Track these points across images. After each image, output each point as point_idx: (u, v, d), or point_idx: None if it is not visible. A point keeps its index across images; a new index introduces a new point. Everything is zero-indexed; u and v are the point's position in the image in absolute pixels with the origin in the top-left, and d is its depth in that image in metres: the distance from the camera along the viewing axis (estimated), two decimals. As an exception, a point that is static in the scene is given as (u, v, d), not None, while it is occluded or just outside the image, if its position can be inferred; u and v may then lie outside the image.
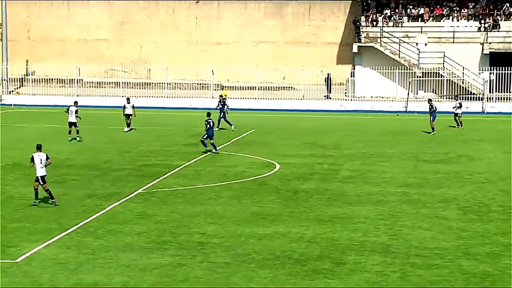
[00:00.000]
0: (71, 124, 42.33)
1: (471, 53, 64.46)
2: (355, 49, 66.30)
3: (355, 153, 38.28)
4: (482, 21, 65.97)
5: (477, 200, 27.48)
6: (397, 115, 57.43)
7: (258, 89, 65.87)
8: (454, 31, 65.43)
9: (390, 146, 40.78)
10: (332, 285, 18.09)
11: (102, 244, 21.27)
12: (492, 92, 62.30)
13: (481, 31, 65.54)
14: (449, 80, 63.62)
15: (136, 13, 74.59)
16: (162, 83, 68.16)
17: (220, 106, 49.07)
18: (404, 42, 65.21)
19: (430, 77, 64.02)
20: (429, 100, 47.61)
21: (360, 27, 67.09)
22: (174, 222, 23.93)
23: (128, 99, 48.92)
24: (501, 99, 62.26)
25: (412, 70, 64.07)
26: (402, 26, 67.52)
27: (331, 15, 72.16)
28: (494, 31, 65.20)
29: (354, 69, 66.76)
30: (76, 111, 42.51)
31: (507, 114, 58.02)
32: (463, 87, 63.46)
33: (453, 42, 65.25)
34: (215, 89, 66.18)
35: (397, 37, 65.46)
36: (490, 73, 62.35)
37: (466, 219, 24.67)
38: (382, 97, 64.22)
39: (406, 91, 62.72)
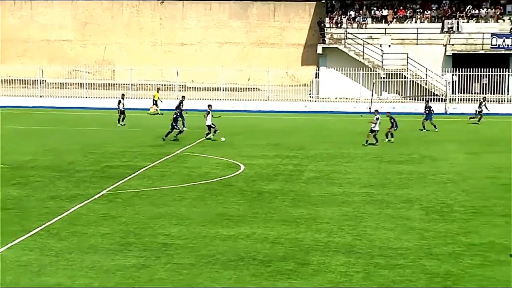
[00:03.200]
0: None
1: (434, 54, 65.00)
2: (319, 50, 66.54)
3: (319, 154, 38.41)
4: (445, 23, 66.51)
5: (439, 200, 27.70)
6: (361, 116, 57.62)
7: (223, 90, 65.84)
8: (417, 33, 65.91)
9: (354, 147, 40.96)
10: (296, 285, 18.14)
11: (65, 246, 21.14)
12: (455, 93, 62.83)
13: (444, 33, 66.10)
14: (413, 81, 64.06)
15: (99, 13, 74.25)
16: (126, 84, 67.87)
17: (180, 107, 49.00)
18: (368, 43, 65.56)
19: (394, 78, 64.41)
20: (427, 102, 48.62)
21: (325, 29, 67.35)
22: (138, 223, 23.84)
23: (123, 95, 50.79)
24: (463, 100, 62.81)
25: (376, 71, 64.44)
26: (366, 28, 67.89)
27: (295, 16, 72.39)
28: (456, 33, 65.79)
29: (318, 70, 66.99)
30: None
31: (469, 115, 58.47)
32: (426, 88, 63.93)
33: (417, 44, 65.74)
34: (180, 90, 66.01)
35: (361, 39, 65.81)
36: (453, 75, 62.89)
37: (428, 219, 24.85)
38: (346, 98, 64.51)
39: (370, 92, 63.06)
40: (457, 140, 43.84)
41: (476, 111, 53.62)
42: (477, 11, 67.63)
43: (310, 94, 66.70)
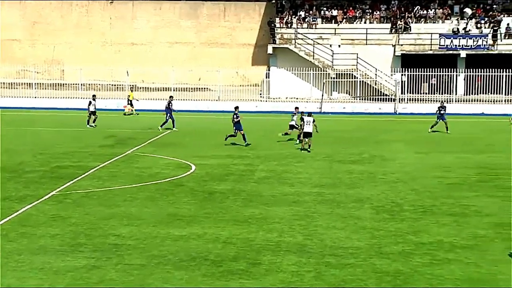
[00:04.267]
0: None
1: (384, 54, 65.58)
2: (270, 50, 66.70)
3: (270, 154, 38.49)
4: (394, 23, 67.13)
5: (389, 199, 27.93)
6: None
7: (174, 90, 65.59)
8: (367, 33, 66.41)
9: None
10: (248, 285, 18.16)
11: (14, 247, 20.89)
12: (404, 93, 63.43)
13: (393, 33, 66.69)
14: (363, 81, 64.52)
15: (48, 13, 73.53)
16: (76, 84, 67.33)
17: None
18: (318, 43, 65.88)
19: (344, 78, 64.82)
20: (442, 102, 48.70)
21: (275, 29, 67.52)
22: (88, 224, 23.67)
23: (94, 96, 50.51)
24: (412, 100, 63.43)
25: (326, 71, 64.78)
26: (316, 28, 68.22)
27: (246, 16, 72.47)
28: (405, 33, 66.44)
29: (269, 70, 67.14)
30: None
31: (418, 115, 59.17)
32: (375, 88, 64.46)
33: (366, 44, 66.24)
34: (131, 90, 65.65)
35: (311, 39, 66.10)
36: (402, 75, 63.51)
37: (379, 218, 25.05)
38: (297, 98, 64.74)
39: (321, 92, 63.39)
40: (407, 140, 44.25)
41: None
42: (425, 12, 68.38)
43: (260, 94, 66.81)
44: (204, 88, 67.52)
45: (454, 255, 20.76)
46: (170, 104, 49.14)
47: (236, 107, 42.45)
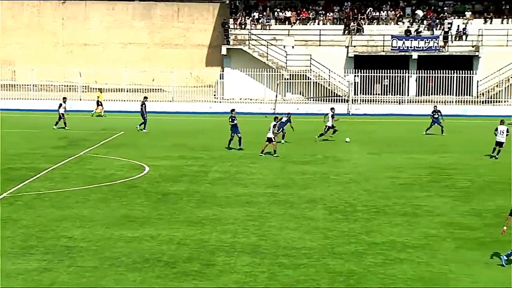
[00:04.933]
0: None
1: (337, 56, 65.89)
2: (224, 51, 66.67)
3: (224, 155, 38.48)
4: (347, 25, 67.50)
5: (342, 200, 28.10)
6: (266, 116, 57.96)
7: (127, 91, 65.26)
8: (320, 34, 66.68)
9: (259, 147, 41.13)
10: (201, 286, 18.17)
11: (-35, 250, 20.64)
12: (357, 94, 63.83)
13: (346, 35, 67.07)
14: (316, 82, 64.79)
15: (-1, 13, 72.65)
16: (27, 85, 66.63)
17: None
18: (272, 44, 66.01)
19: (298, 79, 65.03)
20: (435, 107, 48.29)
21: (229, 30, 67.51)
22: (40, 226, 23.46)
23: (64, 98, 50.01)
24: (365, 101, 63.86)
25: (280, 72, 64.93)
26: (270, 29, 68.33)
27: (199, 17, 72.34)
28: (358, 35, 66.85)
29: (223, 71, 67.11)
30: None
31: (371, 116, 59.60)
32: (329, 89, 64.76)
33: (319, 45, 66.51)
34: (83, 91, 65.19)
35: (265, 40, 66.21)
36: (355, 76, 63.90)
37: (332, 218, 25.19)
38: (251, 99, 64.80)
39: (275, 93, 63.54)
40: (359, 141, 44.51)
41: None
42: (377, 14, 68.88)
43: (215, 95, 66.75)
44: (158, 89, 67.23)
45: (406, 254, 20.98)
46: (144, 106, 48.98)
47: (232, 110, 41.37)
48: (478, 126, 52.23)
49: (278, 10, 69.64)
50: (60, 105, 49.59)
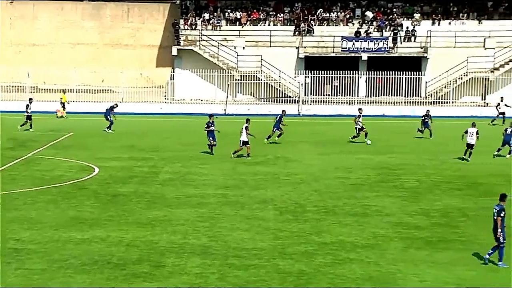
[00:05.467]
0: None
1: (287, 56, 66.04)
2: (174, 52, 66.43)
3: (175, 156, 38.37)
4: (298, 26, 67.73)
5: (293, 200, 28.21)
6: (217, 117, 57.95)
7: (76, 92, 64.70)
8: (271, 35, 66.82)
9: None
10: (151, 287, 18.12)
11: None
12: (307, 95, 64.08)
13: (296, 36, 67.29)
14: (267, 83, 64.91)
15: None
16: (-26, 86, 65.71)
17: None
18: (223, 45, 65.99)
19: (248, 80, 65.08)
20: (427, 111, 47.37)
21: (179, 30, 67.32)
22: (-13, 229, 23.17)
23: (30, 99, 49.47)
24: (315, 102, 64.14)
25: (230, 73, 64.93)
26: (220, 30, 68.29)
27: (150, 17, 72.04)
28: (308, 36, 67.09)
29: (173, 71, 66.89)
30: None
31: (321, 117, 59.88)
32: (279, 90, 64.93)
33: (270, 46, 66.64)
34: (31, 92, 64.46)
35: (216, 41, 66.17)
36: (306, 77, 64.13)
37: (282, 219, 25.28)
38: (202, 100, 64.69)
39: (225, 94, 63.52)
40: (310, 141, 44.73)
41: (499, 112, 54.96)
42: (328, 15, 69.21)
43: (165, 96, 66.52)
44: (108, 90, 66.77)
45: (356, 254, 21.14)
46: (112, 108, 48.74)
47: (211, 115, 40.53)
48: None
49: (229, 11, 69.62)
50: (27, 106, 48.90)
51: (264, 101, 64.67)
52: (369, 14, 68.76)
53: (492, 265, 20.19)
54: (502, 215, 20.17)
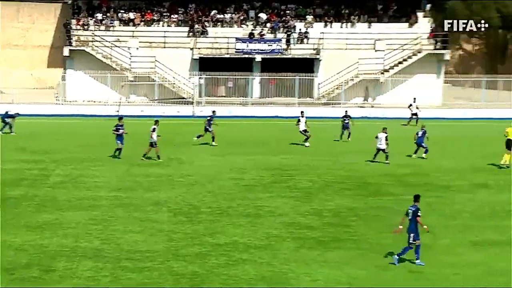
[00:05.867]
0: None
1: (182, 57, 65.91)
2: (66, 52, 65.40)
3: (67, 158, 37.77)
4: (192, 27, 67.64)
5: (187, 202, 28.18)
6: (110, 119, 57.36)
7: (-36, 93, 63.03)
8: (165, 36, 66.57)
9: (103, 150, 40.64)
10: (42, 293, 17.82)
11: None
12: (202, 96, 64.11)
13: (190, 37, 67.21)
14: (161, 84, 64.63)
15: None
16: None
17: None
18: (116, 46, 65.37)
19: (142, 81, 64.64)
20: (346, 112, 46.77)
21: (71, 31, 66.33)
22: None
23: None
24: (210, 103, 64.18)
25: (124, 74, 64.36)
26: (113, 30, 67.62)
27: (40, 17, 70.78)
28: (203, 37, 67.12)
29: (65, 72, 65.84)
30: None
31: (216, 118, 59.78)
32: (174, 91, 64.75)
33: (164, 47, 66.38)
34: None
35: (109, 41, 65.49)
36: (200, 78, 64.15)
37: (176, 221, 25.24)
38: (95, 101, 63.91)
39: (119, 95, 62.93)
40: (204, 143, 44.66)
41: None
42: (222, 16, 69.41)
43: (57, 97, 65.38)
44: (-3, 91, 65.28)
45: (249, 255, 21.27)
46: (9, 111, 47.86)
47: (120, 118, 39.26)
48: (318, 127, 53.38)
49: (122, 11, 69.02)
50: None
51: (158, 102, 64.35)
52: (263, 16, 69.28)
53: (383, 264, 20.63)
54: (419, 214, 20.55)
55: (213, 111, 45.52)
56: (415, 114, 55.42)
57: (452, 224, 25.04)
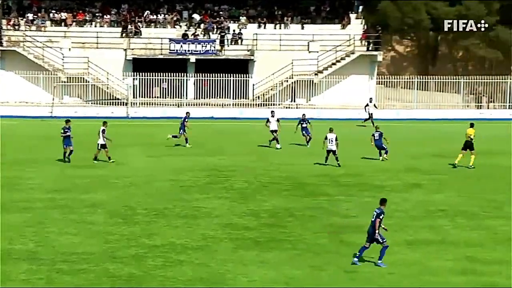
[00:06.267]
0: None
1: (115, 58, 65.38)
2: (-4, 53, 64.43)
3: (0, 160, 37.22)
4: (125, 28, 67.19)
5: (123, 203, 28.03)
6: (42, 120, 56.79)
7: None
8: (97, 37, 66.01)
9: (38, 151, 40.20)
10: (-25, 297, 17.57)
11: None
12: (136, 97, 63.76)
13: (124, 37, 66.76)
14: (94, 85, 64.07)
15: None
16: None
17: None
18: (48, 46, 64.59)
19: (75, 82, 64.00)
20: (303, 115, 44.45)
21: (1, 31, 65.32)
22: None
23: None
24: (144, 104, 63.92)
25: (56, 75, 63.63)
26: (45, 31, 66.79)
27: (-31, 17, 69.51)
28: (136, 38, 66.72)
29: (-4, 73, 64.82)
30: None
31: (150, 119, 59.67)
32: (108, 92, 64.27)
33: (97, 48, 65.81)
34: None
35: (41, 42, 64.69)
36: (134, 79, 63.79)
37: (112, 222, 25.10)
38: (27, 102, 63.06)
39: (51, 96, 62.19)
40: (139, 144, 44.48)
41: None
42: (155, 17, 69.12)
43: (-13, 98, 64.32)
44: None
45: (186, 256, 21.27)
46: None
47: (68, 120, 37.88)
48: (254, 129, 53.62)
49: (54, 11, 68.20)
50: None
51: (92, 103, 63.80)
52: (196, 17, 69.21)
53: (319, 264, 20.82)
54: (381, 217, 20.72)
55: (187, 112, 45.07)
56: (371, 115, 55.72)
57: (387, 224, 25.22)
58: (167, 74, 64.07)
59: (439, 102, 66.97)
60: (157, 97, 65.07)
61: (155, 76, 63.99)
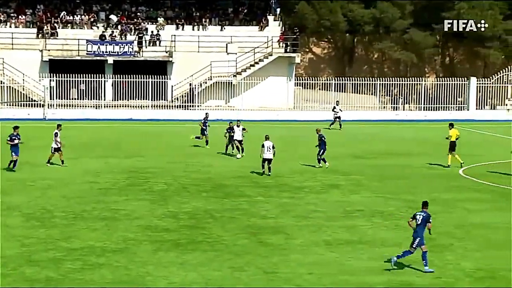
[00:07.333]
0: None
1: (31, 59, 64.41)
2: None
3: None
4: (41, 28, 66.22)
5: (40, 206, 27.66)
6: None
7: None
8: (12, 37, 64.93)
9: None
10: None
11: None
12: (53, 99, 62.93)
13: (40, 38, 65.81)
14: (10, 87, 63.00)
15: None
16: None
17: None
18: (-39, 47, 63.30)
19: None
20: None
21: None
22: None
23: None
24: (62, 105, 63.15)
25: (-33, 76, 62.42)
26: (-42, 31, 65.46)
27: None
28: (52, 38, 65.84)
29: None
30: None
31: (68, 121, 58.86)
32: (24, 93, 63.28)
33: (12, 49, 64.75)
34: None
35: None
36: (51, 80, 62.93)
37: (29, 225, 24.75)
38: None
39: (-35, 98, 60.96)
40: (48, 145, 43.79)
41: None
42: (72, 18, 68.29)
43: None
44: None
45: (105, 259, 21.11)
46: None
47: (15, 127, 35.89)
48: (173, 130, 53.56)
49: (-33, 11, 66.89)
50: None
51: (7, 105, 62.72)
52: (114, 18, 68.68)
53: (238, 265, 20.89)
54: (430, 220, 20.50)
55: (206, 113, 45.07)
56: (339, 117, 56.09)
57: (306, 224, 25.62)
58: (84, 75, 63.41)
59: (356, 104, 67.91)
60: (75, 99, 64.34)
61: (72, 77, 63.26)
